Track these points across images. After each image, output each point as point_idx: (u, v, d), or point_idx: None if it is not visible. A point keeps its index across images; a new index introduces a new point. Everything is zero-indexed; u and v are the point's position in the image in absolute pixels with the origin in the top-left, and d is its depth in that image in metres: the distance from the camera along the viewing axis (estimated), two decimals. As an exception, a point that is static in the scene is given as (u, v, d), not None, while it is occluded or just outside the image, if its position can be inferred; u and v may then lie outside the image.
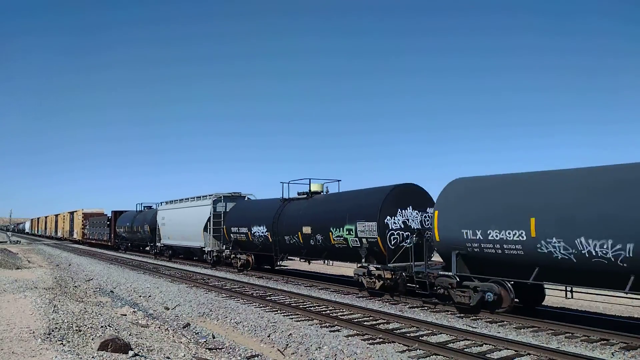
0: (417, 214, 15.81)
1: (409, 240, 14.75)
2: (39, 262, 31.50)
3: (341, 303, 13.84)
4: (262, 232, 21.25)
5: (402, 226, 15.44)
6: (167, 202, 32.46)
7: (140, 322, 11.19)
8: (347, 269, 20.05)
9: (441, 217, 12.88)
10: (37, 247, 52.60)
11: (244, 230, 22.67)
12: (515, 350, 8.95)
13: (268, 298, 14.99)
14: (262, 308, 13.50)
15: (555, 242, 10.28)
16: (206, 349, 9.77)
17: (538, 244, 10.58)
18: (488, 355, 8.62)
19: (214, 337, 10.98)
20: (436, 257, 14.96)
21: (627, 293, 9.45)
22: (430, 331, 10.51)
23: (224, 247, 24.99)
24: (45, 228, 79.21)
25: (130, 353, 7.49)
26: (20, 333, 7.99)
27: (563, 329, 10.63)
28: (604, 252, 9.51)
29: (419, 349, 9.08)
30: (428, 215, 15.82)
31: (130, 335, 9.29)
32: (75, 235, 57.87)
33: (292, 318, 12.03)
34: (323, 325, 11.24)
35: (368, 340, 9.72)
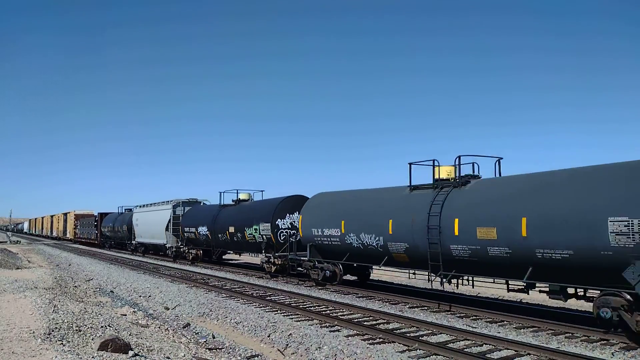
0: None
1: (294, 237, 20.03)
2: (39, 262, 31.50)
3: (341, 303, 13.84)
4: (205, 232, 26.70)
5: (290, 226, 21.08)
6: (140, 206, 37.65)
7: (140, 322, 11.19)
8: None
9: (303, 220, 18.29)
10: (37, 247, 52.61)
11: (193, 229, 28.00)
12: (515, 350, 8.95)
13: (268, 298, 15.00)
14: (262, 308, 13.51)
15: (352, 236, 15.74)
16: (206, 349, 9.77)
17: (345, 237, 16.05)
18: (488, 355, 8.62)
19: (214, 337, 10.98)
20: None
21: (379, 267, 15.51)
22: (430, 331, 10.51)
23: (180, 244, 30.23)
24: (42, 228, 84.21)
25: (130, 353, 7.49)
26: (20, 333, 7.99)
27: (563, 329, 10.64)
28: (373, 242, 14.93)
29: (419, 349, 9.08)
30: None
31: (130, 335, 9.29)
32: (68, 235, 62.23)
33: (292, 318, 12.03)
34: (323, 325, 11.24)
35: (368, 340, 9.72)
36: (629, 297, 9.13)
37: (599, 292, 9.83)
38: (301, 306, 13.53)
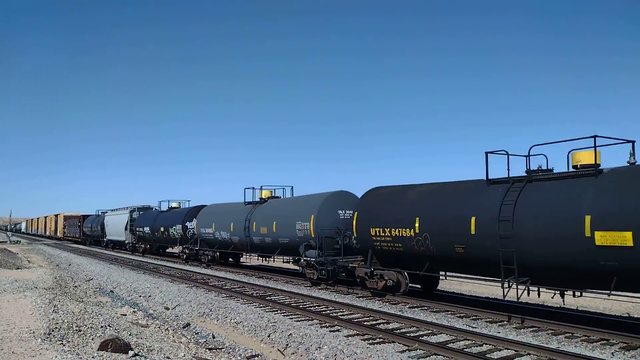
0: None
1: (193, 234, 21.74)
2: (39, 262, 31.49)
3: (341, 303, 13.84)
4: (148, 230, 36.09)
5: (193, 227, 24.97)
6: (111, 210, 47.32)
7: (140, 322, 11.19)
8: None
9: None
10: (37, 247, 52.61)
11: (141, 229, 37.77)
12: (515, 350, 8.95)
13: (268, 298, 15.00)
14: (262, 308, 13.51)
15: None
16: (206, 349, 9.77)
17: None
18: (488, 355, 8.62)
19: (214, 337, 10.98)
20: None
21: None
22: (430, 331, 10.51)
23: (134, 240, 39.34)
24: (38, 228, 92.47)
25: (130, 353, 7.49)
26: (20, 333, 7.99)
27: (563, 329, 10.64)
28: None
29: (419, 349, 9.08)
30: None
31: (130, 335, 9.29)
32: (58, 234, 69.97)
33: (292, 318, 12.03)
34: (323, 325, 11.24)
35: (368, 340, 9.72)
36: None
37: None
38: (301, 306, 13.53)
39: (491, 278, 12.37)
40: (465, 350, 8.90)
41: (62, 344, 7.52)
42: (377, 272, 15.03)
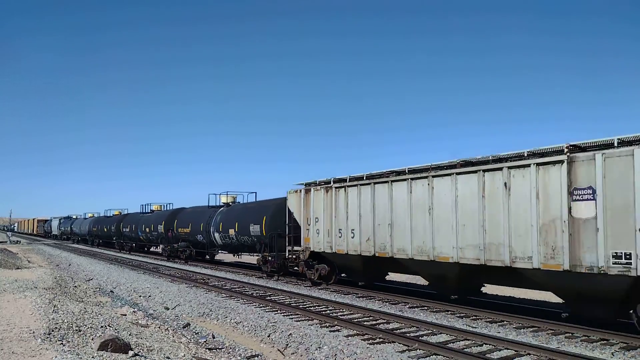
0: None
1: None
2: (38, 262, 31.50)
3: (341, 303, 13.84)
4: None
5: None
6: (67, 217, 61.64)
7: (140, 322, 11.18)
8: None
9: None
10: (37, 247, 52.61)
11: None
12: (515, 350, 8.95)
13: (268, 298, 15.00)
14: (262, 308, 13.51)
15: None
16: (206, 349, 9.76)
17: None
18: (488, 355, 8.63)
19: (214, 337, 10.97)
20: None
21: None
22: (430, 331, 10.51)
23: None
24: (26, 228, 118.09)
25: (130, 353, 7.49)
26: (20, 333, 7.99)
27: (563, 329, 10.64)
28: None
29: (419, 349, 9.08)
30: None
31: (130, 335, 9.29)
32: (34, 232, 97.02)
33: (292, 318, 12.03)
34: (323, 325, 11.24)
35: (368, 340, 9.72)
36: None
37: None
38: (301, 306, 13.53)
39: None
40: (465, 350, 8.90)
41: (62, 344, 7.51)
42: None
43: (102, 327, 9.33)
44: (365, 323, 11.23)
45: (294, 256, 19.08)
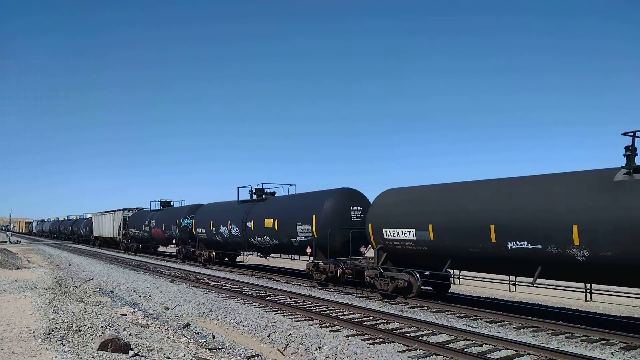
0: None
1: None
2: (38, 262, 31.50)
3: (341, 303, 13.84)
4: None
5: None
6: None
7: (140, 322, 11.19)
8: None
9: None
10: (37, 247, 52.66)
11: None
12: (515, 350, 8.95)
13: (268, 298, 15.00)
14: (262, 308, 13.51)
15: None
16: (206, 349, 9.77)
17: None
18: (488, 355, 8.63)
19: (214, 337, 10.98)
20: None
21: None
22: (430, 331, 10.51)
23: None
24: (19, 228, 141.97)
25: (130, 353, 7.49)
26: (20, 333, 7.99)
27: (563, 329, 10.64)
28: None
29: (419, 349, 9.08)
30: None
31: (130, 335, 9.29)
32: (23, 231, 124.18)
33: (292, 318, 12.03)
34: (323, 325, 11.24)
35: (368, 340, 9.72)
36: None
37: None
38: (301, 306, 13.53)
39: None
40: (465, 350, 8.90)
41: (62, 344, 7.51)
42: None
43: (102, 327, 9.33)
44: (365, 323, 11.23)
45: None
